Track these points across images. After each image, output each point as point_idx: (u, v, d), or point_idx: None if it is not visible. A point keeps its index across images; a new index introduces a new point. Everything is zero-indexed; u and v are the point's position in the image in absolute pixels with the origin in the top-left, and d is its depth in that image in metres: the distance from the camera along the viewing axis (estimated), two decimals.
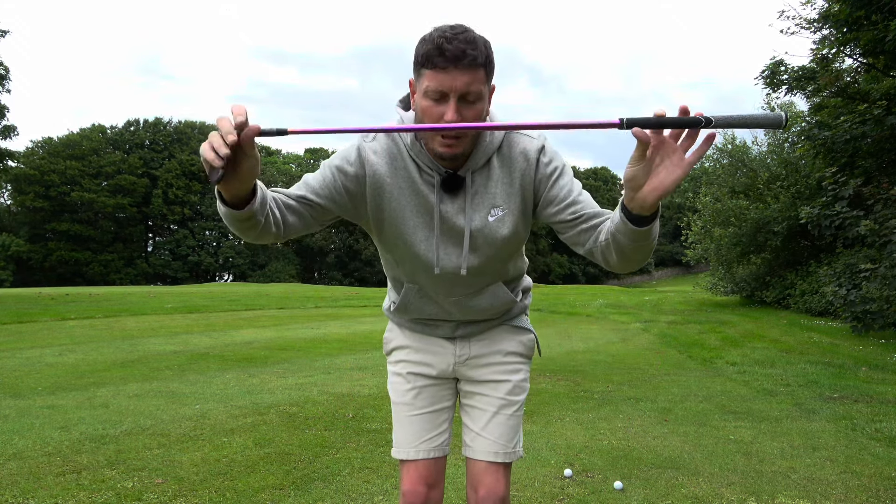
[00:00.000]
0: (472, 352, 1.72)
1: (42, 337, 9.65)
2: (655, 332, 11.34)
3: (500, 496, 1.65)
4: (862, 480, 3.33)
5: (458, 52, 1.30)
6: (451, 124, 1.31)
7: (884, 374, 6.63)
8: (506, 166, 1.51)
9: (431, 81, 1.33)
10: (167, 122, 62.59)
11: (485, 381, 1.71)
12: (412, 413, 1.72)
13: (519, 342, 1.75)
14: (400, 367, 1.77)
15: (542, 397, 5.38)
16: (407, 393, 1.74)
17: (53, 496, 2.97)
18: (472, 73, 1.33)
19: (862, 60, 11.67)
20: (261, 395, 5.33)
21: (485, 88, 1.37)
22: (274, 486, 3.15)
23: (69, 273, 52.91)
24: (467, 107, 1.35)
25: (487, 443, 1.67)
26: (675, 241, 60.49)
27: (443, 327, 1.72)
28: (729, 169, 18.91)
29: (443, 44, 1.31)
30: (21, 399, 5.06)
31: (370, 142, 1.52)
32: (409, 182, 1.50)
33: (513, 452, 1.68)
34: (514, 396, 1.70)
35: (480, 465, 1.66)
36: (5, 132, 20.81)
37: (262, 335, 10.21)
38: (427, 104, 1.36)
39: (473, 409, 1.72)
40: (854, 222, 9.95)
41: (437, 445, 1.72)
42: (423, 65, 1.35)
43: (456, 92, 1.32)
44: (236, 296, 21.67)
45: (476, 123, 1.36)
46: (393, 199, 1.51)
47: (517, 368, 1.73)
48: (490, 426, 1.67)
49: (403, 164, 1.50)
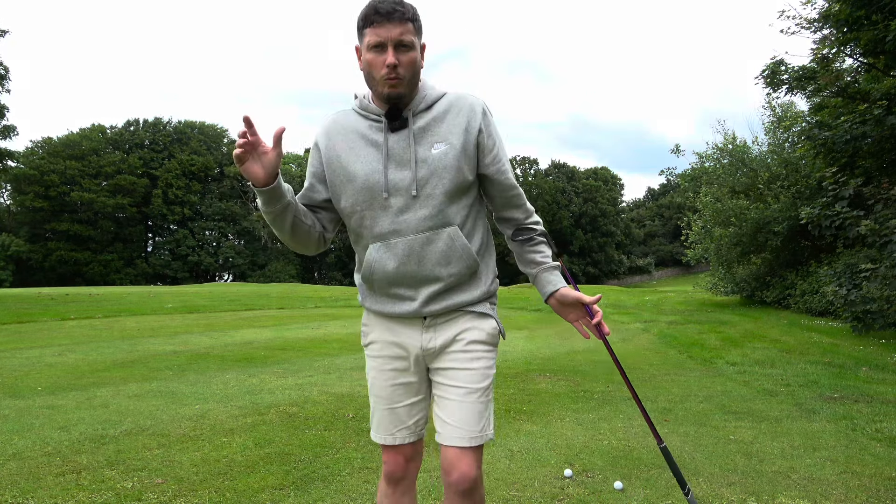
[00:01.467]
0: (437, 342, 1.81)
1: (42, 337, 9.65)
2: (655, 332, 11.34)
3: (472, 478, 1.74)
4: (862, 480, 3.33)
5: (389, 9, 1.63)
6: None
7: (884, 374, 6.63)
8: (453, 112, 1.75)
9: (371, 36, 1.65)
10: (167, 122, 62.60)
11: (449, 370, 1.81)
12: (390, 406, 1.86)
13: (481, 330, 1.83)
14: (379, 362, 1.89)
15: (542, 397, 5.38)
16: (385, 388, 1.87)
17: (53, 496, 2.97)
18: (403, 25, 1.64)
19: (862, 60, 11.66)
20: (261, 395, 5.33)
21: (416, 40, 1.67)
22: (274, 486, 3.15)
23: (69, 273, 52.90)
24: (403, 52, 1.65)
25: (455, 429, 1.76)
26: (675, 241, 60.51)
27: (409, 302, 1.79)
28: (729, 169, 18.88)
29: (377, 4, 1.64)
30: (21, 399, 5.06)
31: (319, 127, 1.85)
32: (357, 133, 1.77)
33: (480, 436, 1.77)
34: (477, 384, 1.79)
35: (452, 451, 1.76)
36: (5, 132, 20.81)
37: (262, 335, 10.21)
38: (371, 56, 1.66)
39: (441, 398, 1.83)
40: (854, 222, 9.94)
41: (413, 431, 1.88)
42: (364, 26, 1.67)
43: (392, 40, 1.64)
44: (236, 296, 21.67)
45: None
46: (343, 149, 1.78)
47: (479, 356, 1.81)
48: (456, 414, 1.77)
49: (351, 123, 1.79)
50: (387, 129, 1.74)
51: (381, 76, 1.66)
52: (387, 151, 1.73)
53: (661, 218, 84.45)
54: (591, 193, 76.22)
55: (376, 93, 1.72)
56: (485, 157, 1.77)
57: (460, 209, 1.77)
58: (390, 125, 1.73)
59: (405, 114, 1.74)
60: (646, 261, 79.83)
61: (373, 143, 1.75)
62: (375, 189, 1.73)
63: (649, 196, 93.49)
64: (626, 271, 78.11)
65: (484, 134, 1.76)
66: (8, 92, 20.56)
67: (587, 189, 76.32)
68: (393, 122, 1.73)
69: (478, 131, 1.75)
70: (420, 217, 1.72)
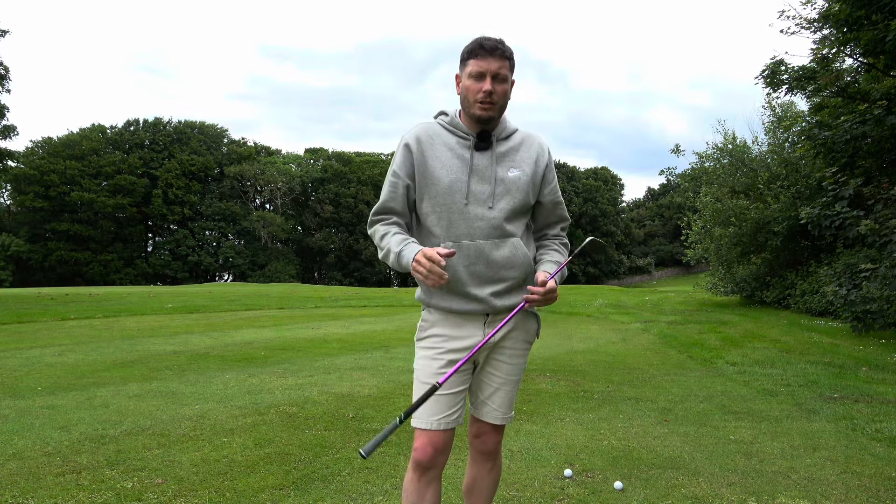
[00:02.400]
0: (497, 336, 2.06)
1: (42, 337, 9.65)
2: (655, 332, 11.34)
3: (497, 441, 2.20)
4: (862, 480, 3.33)
5: (493, 46, 1.95)
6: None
7: (884, 374, 6.63)
8: (526, 145, 2.09)
9: (474, 66, 1.95)
10: (167, 122, 62.59)
11: (495, 361, 2.11)
12: (439, 392, 2.00)
13: (528, 331, 2.14)
14: (433, 352, 2.06)
15: (542, 397, 5.38)
16: (436, 375, 2.02)
17: (53, 496, 2.97)
18: (502, 61, 1.95)
19: (862, 60, 11.66)
20: (261, 395, 5.33)
21: (509, 74, 1.99)
22: (274, 486, 3.15)
23: (69, 273, 52.90)
24: (498, 83, 1.96)
25: (493, 410, 2.13)
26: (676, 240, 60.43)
27: (476, 300, 2.01)
28: (729, 169, 18.87)
29: (483, 41, 1.96)
30: (21, 399, 5.06)
31: (409, 132, 2.07)
32: (445, 145, 2.03)
33: (509, 417, 2.17)
34: (514, 377, 2.15)
35: (486, 425, 2.16)
36: (5, 132, 20.79)
37: (262, 335, 10.21)
38: (470, 83, 1.96)
39: (482, 381, 2.13)
40: (854, 222, 9.95)
41: (452, 420, 2.05)
42: (468, 57, 1.97)
43: (491, 72, 1.94)
44: (236, 296, 21.67)
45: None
46: (432, 156, 2.02)
47: (522, 353, 2.15)
48: (495, 397, 2.13)
49: (440, 136, 2.04)
50: (473, 147, 2.02)
51: (476, 100, 1.95)
52: (472, 165, 2.01)
53: (661, 218, 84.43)
54: (591, 193, 76.23)
55: (469, 115, 2.00)
56: (545, 187, 2.11)
57: (520, 224, 2.07)
58: (477, 144, 2.02)
59: (492, 137, 2.03)
60: (646, 261, 79.84)
61: (459, 157, 2.01)
62: (457, 195, 1.99)
63: (649, 196, 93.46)
64: (626, 271, 78.12)
65: (548, 168, 2.12)
66: (8, 92, 20.57)
67: (587, 189, 76.34)
68: (480, 143, 2.02)
69: (545, 166, 2.10)
70: (492, 226, 1.99)
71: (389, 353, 8.15)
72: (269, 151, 68.95)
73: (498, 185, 2.00)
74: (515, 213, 2.02)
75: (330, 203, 63.57)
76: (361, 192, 63.43)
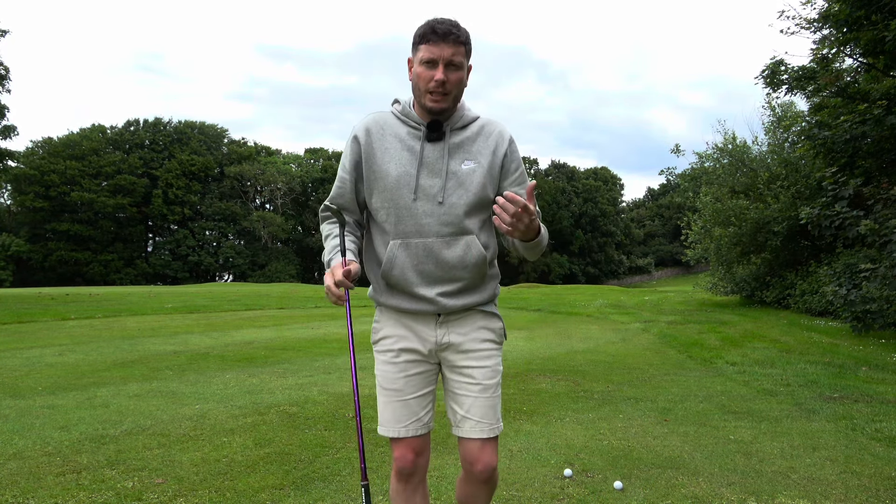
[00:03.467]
0: (451, 339, 1.95)
1: (42, 337, 9.65)
2: (655, 332, 11.34)
3: (493, 466, 1.94)
4: (862, 480, 3.33)
5: (446, 31, 1.78)
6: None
7: (884, 374, 6.63)
8: (484, 135, 1.94)
9: (426, 53, 1.79)
10: (167, 122, 62.61)
11: (464, 367, 1.95)
12: (402, 398, 1.94)
13: (490, 330, 2.00)
14: (390, 355, 1.97)
15: (542, 397, 5.38)
16: (397, 380, 1.95)
17: (53, 496, 2.97)
18: (456, 46, 1.79)
19: (862, 60, 11.66)
20: (261, 395, 5.33)
21: (465, 61, 1.83)
22: (274, 486, 3.15)
23: (69, 273, 52.91)
24: (452, 71, 1.81)
25: (476, 423, 1.93)
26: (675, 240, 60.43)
27: (425, 300, 1.91)
28: (729, 169, 18.86)
29: (435, 25, 1.79)
30: (21, 399, 5.06)
31: (359, 123, 1.96)
32: (396, 136, 1.91)
33: (497, 427, 1.96)
34: (490, 380, 1.96)
35: (475, 443, 1.93)
36: (5, 132, 20.80)
37: (262, 335, 10.21)
38: (422, 70, 1.81)
39: (456, 394, 1.97)
40: (854, 222, 9.94)
41: (423, 424, 1.97)
42: (419, 42, 1.81)
43: (444, 59, 1.79)
44: (236, 296, 21.67)
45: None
46: (381, 148, 1.90)
47: (490, 354, 1.98)
48: (473, 408, 1.93)
49: (391, 126, 1.92)
50: (424, 138, 1.89)
51: (427, 89, 1.81)
52: (421, 158, 1.88)
53: (661, 218, 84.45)
54: (591, 193, 76.23)
55: (420, 104, 1.87)
56: (505, 178, 1.95)
57: (478, 221, 1.93)
58: (429, 136, 1.89)
59: (444, 128, 1.90)
60: (646, 261, 79.88)
61: (408, 148, 1.89)
62: (405, 190, 1.86)
63: (649, 196, 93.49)
64: (626, 271, 78.15)
65: (508, 159, 1.95)
66: (8, 92, 20.57)
67: (587, 189, 76.34)
68: (432, 134, 1.89)
69: (503, 156, 1.94)
70: (442, 223, 1.87)
71: None
72: (269, 151, 68.98)
73: (449, 179, 1.87)
74: (470, 209, 1.88)
75: None
76: None
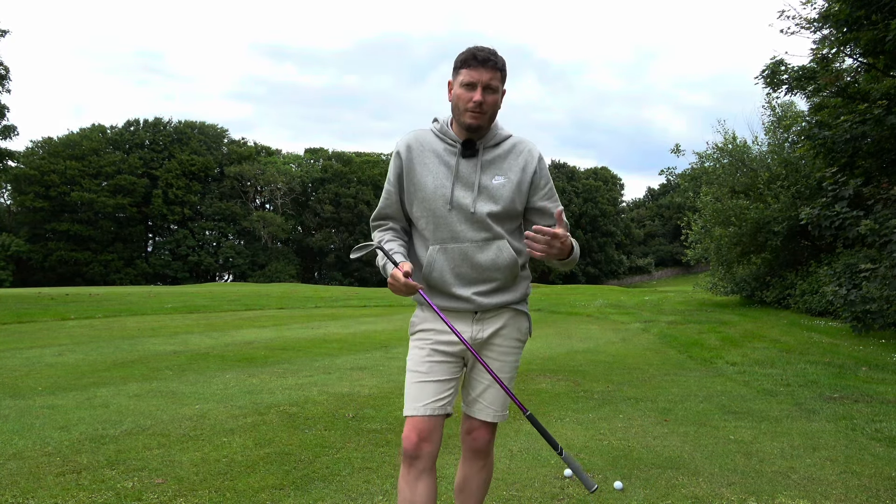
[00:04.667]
0: (486, 333, 2.11)
1: (42, 337, 9.65)
2: (655, 332, 11.34)
3: (489, 440, 2.19)
4: (862, 480, 3.33)
5: (485, 57, 1.99)
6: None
7: (884, 374, 6.63)
8: (515, 153, 2.11)
9: (466, 76, 1.99)
10: (167, 122, 62.59)
11: (486, 359, 2.12)
12: (421, 380, 2.08)
13: (519, 329, 2.18)
14: (422, 343, 2.12)
15: (542, 397, 5.38)
16: (423, 363, 2.09)
17: (53, 496, 2.97)
18: (493, 72, 1.99)
19: (862, 60, 11.65)
20: (261, 395, 5.33)
21: (500, 85, 2.03)
22: (274, 486, 3.15)
23: (69, 273, 52.89)
24: (489, 93, 2.00)
25: (485, 407, 2.14)
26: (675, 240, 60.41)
27: (463, 299, 2.08)
28: (729, 168, 18.86)
29: (476, 52, 2.00)
30: (21, 399, 5.06)
31: (402, 140, 2.15)
32: (434, 152, 2.10)
33: (502, 416, 2.17)
34: (508, 373, 2.16)
35: (477, 422, 2.16)
36: (5, 132, 20.80)
37: (262, 335, 10.22)
38: (462, 91, 2.00)
39: (473, 379, 2.16)
40: (854, 222, 9.94)
41: (438, 406, 2.07)
42: (461, 66, 2.01)
43: (482, 83, 1.98)
44: (236, 296, 21.68)
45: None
46: (420, 163, 2.09)
47: (512, 352, 2.17)
48: (486, 394, 2.14)
49: (429, 143, 2.11)
50: (460, 155, 2.07)
51: (466, 108, 1.99)
52: (456, 173, 2.06)
53: (661, 218, 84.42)
54: (591, 193, 76.22)
55: (459, 122, 2.05)
56: (535, 193, 2.13)
57: (508, 229, 2.11)
58: (463, 152, 2.07)
59: (478, 146, 2.08)
60: (646, 261, 79.84)
61: (445, 164, 2.08)
62: (441, 201, 2.05)
63: (649, 196, 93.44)
64: (626, 271, 78.13)
65: (538, 175, 2.12)
66: (8, 92, 20.57)
67: (587, 189, 76.32)
68: (466, 151, 2.07)
69: (533, 173, 2.11)
70: (475, 229, 2.05)
71: (389, 352, 8.16)
72: (269, 151, 68.95)
73: (481, 192, 2.05)
74: (499, 218, 2.07)
75: (330, 203, 63.57)
76: (361, 192, 63.43)
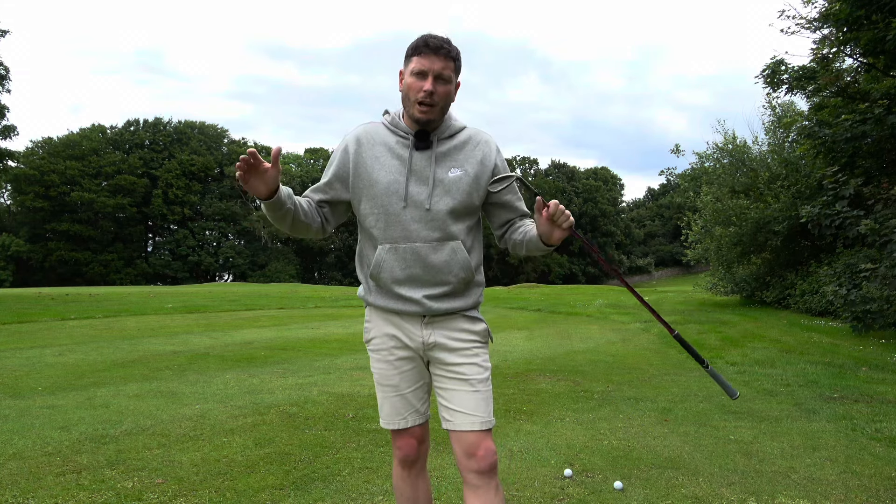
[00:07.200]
0: (435, 337, 1.99)
1: (42, 337, 9.65)
2: (655, 332, 11.33)
3: (495, 452, 1.95)
4: (862, 480, 3.33)
5: (438, 45, 1.88)
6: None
7: (884, 374, 6.63)
8: (471, 144, 2.01)
9: (417, 64, 1.88)
10: (167, 122, 62.61)
11: (452, 365, 1.99)
12: (398, 393, 2.04)
13: (474, 332, 2.04)
14: (383, 353, 2.06)
15: (542, 397, 5.38)
16: (393, 377, 2.04)
17: (53, 496, 2.97)
18: (446, 61, 1.88)
19: (862, 60, 11.65)
20: (261, 395, 5.33)
21: (453, 76, 1.92)
22: (274, 486, 3.15)
23: (69, 273, 52.89)
24: (440, 83, 1.89)
25: (469, 416, 1.94)
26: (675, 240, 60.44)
27: (412, 301, 1.97)
28: (729, 168, 18.86)
29: (428, 39, 1.89)
30: (21, 399, 5.06)
31: (351, 133, 2.04)
32: (385, 145, 1.98)
33: (488, 421, 1.96)
34: (480, 375, 1.99)
35: (472, 435, 1.94)
36: (5, 132, 20.79)
37: (262, 335, 10.21)
38: (412, 80, 1.89)
39: (448, 391, 1.99)
40: (854, 222, 9.95)
41: (421, 414, 2.07)
42: (412, 54, 1.90)
43: (434, 71, 1.87)
44: (236, 296, 21.67)
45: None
46: (371, 157, 1.97)
47: (477, 352, 2.02)
48: (468, 403, 1.95)
49: (380, 136, 1.99)
50: (412, 147, 1.96)
51: (416, 99, 1.88)
52: (410, 166, 1.95)
53: (661, 218, 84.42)
54: (591, 193, 76.21)
55: (409, 114, 1.95)
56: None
57: (463, 227, 1.99)
58: (416, 144, 1.96)
59: (431, 137, 1.97)
60: (646, 261, 79.83)
61: (398, 157, 1.96)
62: (394, 197, 1.93)
63: (649, 196, 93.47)
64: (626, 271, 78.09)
65: (498, 169, 2.02)
66: (8, 92, 20.55)
67: (587, 189, 76.32)
68: (419, 143, 1.96)
69: (493, 165, 2.01)
70: (429, 228, 1.94)
71: None
72: (270, 151, 68.89)
73: (436, 186, 1.94)
74: (456, 215, 1.95)
75: None
76: None
